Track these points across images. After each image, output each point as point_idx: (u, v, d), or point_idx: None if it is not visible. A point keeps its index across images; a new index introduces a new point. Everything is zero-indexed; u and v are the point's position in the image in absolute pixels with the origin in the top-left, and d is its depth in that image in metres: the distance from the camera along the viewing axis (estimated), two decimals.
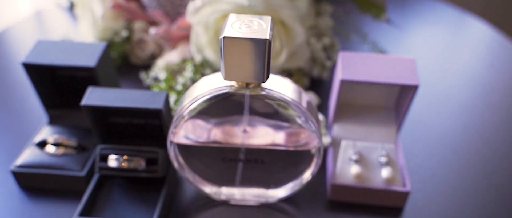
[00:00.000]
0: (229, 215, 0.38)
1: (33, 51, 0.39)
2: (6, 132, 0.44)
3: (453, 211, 0.38)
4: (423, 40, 0.61)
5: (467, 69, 0.57)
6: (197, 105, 0.32)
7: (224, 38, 0.28)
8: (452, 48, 0.61)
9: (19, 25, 0.63)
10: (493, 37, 0.62)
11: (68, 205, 0.37)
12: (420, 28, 0.64)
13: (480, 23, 0.64)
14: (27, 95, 0.49)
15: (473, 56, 0.59)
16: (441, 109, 0.49)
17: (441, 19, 0.66)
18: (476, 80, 0.55)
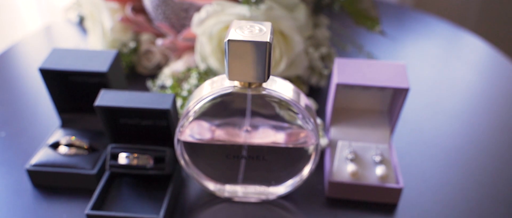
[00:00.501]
0: (232, 211, 0.40)
1: (48, 58, 0.42)
2: (22, 134, 0.47)
3: (444, 206, 0.40)
4: (417, 53, 0.64)
5: (458, 78, 0.59)
6: (203, 104, 0.35)
7: (229, 41, 0.31)
8: (445, 59, 0.64)
9: (30, 38, 0.66)
10: (486, 51, 0.65)
11: (79, 202, 0.40)
12: (415, 42, 0.67)
13: (474, 37, 0.67)
14: (40, 101, 0.52)
15: (465, 67, 0.62)
16: (432, 114, 0.52)
17: (435, 33, 0.69)
18: (466, 88, 0.58)
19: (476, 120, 0.52)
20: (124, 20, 0.56)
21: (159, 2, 0.53)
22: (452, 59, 0.63)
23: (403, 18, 0.75)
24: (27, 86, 0.56)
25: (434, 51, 0.65)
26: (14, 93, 0.55)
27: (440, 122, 0.51)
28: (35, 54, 0.63)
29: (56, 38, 0.67)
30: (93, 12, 0.57)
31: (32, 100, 0.53)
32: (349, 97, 0.45)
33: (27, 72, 0.59)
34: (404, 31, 0.70)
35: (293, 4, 0.48)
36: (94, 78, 0.43)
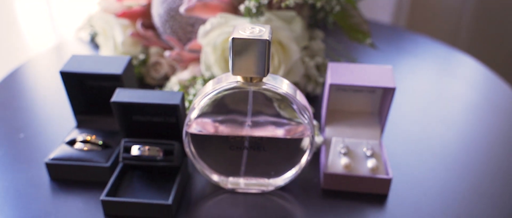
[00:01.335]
0: (235, 201, 0.43)
1: (68, 62, 0.47)
2: (41, 134, 0.51)
3: (431, 196, 0.44)
4: (411, 69, 0.69)
5: (449, 91, 0.64)
6: (209, 99, 0.39)
7: (233, 39, 0.36)
8: (438, 76, 0.68)
9: (45, 54, 0.71)
10: (479, 69, 0.69)
11: (94, 192, 0.43)
12: (408, 60, 0.72)
13: (466, 57, 0.72)
14: (57, 106, 0.57)
15: (458, 82, 0.66)
16: (421, 117, 0.56)
17: (428, 52, 0.74)
18: (455, 98, 0.62)
19: (462, 124, 0.56)
20: (135, 35, 0.61)
21: (168, 17, 0.58)
22: (445, 76, 0.68)
23: (397, 38, 0.80)
24: (44, 94, 0.61)
25: (427, 69, 0.70)
26: (32, 100, 0.59)
27: (428, 125, 0.55)
28: (50, 67, 0.68)
29: (69, 53, 0.72)
30: (105, 28, 0.63)
31: (49, 106, 0.57)
32: (342, 99, 0.50)
33: (43, 83, 0.64)
34: (398, 50, 0.75)
35: (290, 17, 0.53)
36: (109, 82, 0.48)
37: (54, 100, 0.59)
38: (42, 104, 0.59)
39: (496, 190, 0.45)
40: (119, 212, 0.41)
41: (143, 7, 0.64)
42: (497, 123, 0.57)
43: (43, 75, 0.66)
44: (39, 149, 0.49)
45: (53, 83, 0.63)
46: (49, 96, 0.60)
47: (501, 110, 0.59)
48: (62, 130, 0.52)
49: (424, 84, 0.65)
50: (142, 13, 0.64)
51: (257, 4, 0.49)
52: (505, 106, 0.60)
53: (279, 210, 0.43)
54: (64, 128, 0.52)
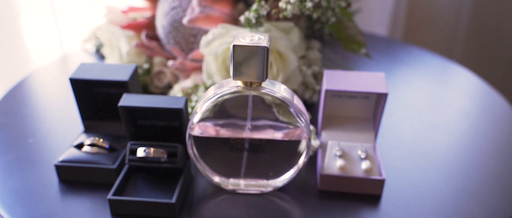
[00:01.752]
0: (235, 201, 0.46)
1: (77, 70, 0.49)
2: (50, 139, 0.54)
3: (423, 196, 0.46)
4: (407, 80, 0.72)
5: (442, 99, 0.67)
6: (211, 102, 0.42)
7: (234, 46, 0.39)
8: (434, 86, 0.71)
9: (52, 64, 0.74)
10: (474, 80, 0.72)
11: (101, 193, 0.45)
12: (405, 71, 0.75)
13: (462, 68, 0.75)
14: (64, 113, 0.59)
15: (449, 91, 0.69)
16: (415, 124, 0.59)
17: (424, 64, 0.76)
18: (448, 106, 0.65)
19: (453, 129, 0.59)
20: (139, 45, 0.64)
21: (171, 29, 0.61)
22: (439, 85, 0.71)
23: (393, 50, 0.83)
24: (51, 102, 0.63)
25: (421, 78, 0.73)
26: (40, 108, 0.62)
27: (421, 130, 0.58)
28: (57, 76, 0.71)
29: (75, 64, 0.75)
30: (111, 39, 0.66)
31: (56, 113, 0.60)
32: (337, 105, 0.52)
33: (51, 91, 0.66)
34: (393, 61, 0.78)
35: (288, 27, 0.56)
36: (116, 89, 0.50)
37: (62, 108, 0.61)
38: (50, 111, 0.61)
39: (484, 191, 0.48)
40: (125, 211, 0.43)
41: (147, 19, 0.67)
42: (487, 128, 0.59)
43: (50, 84, 0.69)
44: (48, 153, 0.51)
45: (61, 92, 0.65)
46: (57, 104, 0.63)
47: (491, 116, 0.62)
48: (70, 134, 0.54)
49: (418, 92, 0.68)
50: (146, 25, 0.67)
51: (257, 15, 0.52)
52: (495, 113, 0.62)
53: (277, 210, 0.45)
54: (72, 133, 0.54)
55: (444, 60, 0.77)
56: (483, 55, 1.18)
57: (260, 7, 0.52)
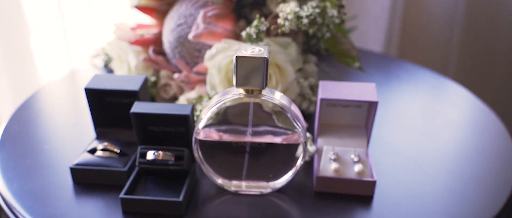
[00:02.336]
0: (238, 201, 0.50)
1: (92, 80, 0.54)
2: (64, 144, 0.58)
3: (412, 197, 0.50)
4: (398, 92, 0.76)
5: (432, 110, 0.71)
6: (217, 108, 0.46)
7: (237, 57, 0.43)
8: (423, 97, 0.76)
9: (62, 79, 0.79)
10: (467, 96, 0.76)
11: (112, 194, 0.49)
12: (396, 84, 0.79)
13: (452, 82, 0.79)
14: (77, 123, 0.63)
15: (440, 104, 0.74)
16: (406, 133, 0.63)
17: (419, 79, 0.81)
18: (438, 117, 0.69)
19: (442, 137, 0.63)
20: (147, 60, 0.68)
21: (177, 44, 0.66)
22: (430, 98, 0.75)
23: (389, 66, 0.88)
24: (64, 113, 0.68)
25: (414, 92, 0.77)
26: (54, 118, 0.66)
27: (411, 138, 0.62)
28: (69, 89, 0.75)
29: (85, 78, 0.79)
30: (120, 54, 0.71)
31: (69, 122, 0.64)
32: (332, 114, 0.57)
33: (63, 103, 0.71)
34: (388, 76, 0.83)
35: (286, 42, 0.61)
36: (127, 99, 0.55)
37: (73, 118, 0.66)
38: (62, 121, 0.66)
39: (469, 191, 0.52)
40: (136, 209, 0.47)
41: (154, 35, 0.72)
42: (473, 136, 0.64)
43: (62, 97, 0.73)
44: (63, 158, 0.56)
45: (72, 103, 0.70)
46: (69, 114, 0.67)
47: (478, 125, 0.66)
48: (82, 141, 0.58)
49: (410, 104, 0.73)
50: (153, 41, 0.72)
51: (257, 30, 0.57)
52: (481, 122, 0.67)
53: (277, 210, 0.49)
54: (84, 140, 0.59)
55: (437, 75, 0.82)
56: (476, 72, 1.23)
57: (260, 23, 0.57)
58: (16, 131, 0.62)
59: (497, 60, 1.23)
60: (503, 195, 0.51)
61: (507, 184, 0.53)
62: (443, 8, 1.17)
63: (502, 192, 0.52)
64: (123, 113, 0.55)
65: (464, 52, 1.21)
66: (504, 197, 0.51)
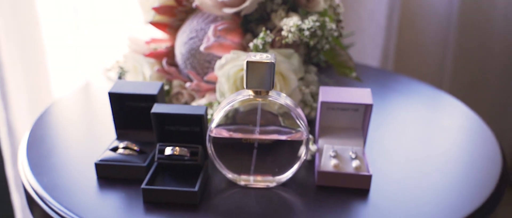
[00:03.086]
0: (246, 193, 0.55)
1: (114, 86, 0.60)
2: (87, 145, 0.64)
3: (405, 192, 0.56)
4: (394, 102, 0.83)
5: (426, 118, 0.77)
6: (230, 107, 0.52)
7: (248, 62, 0.50)
8: (418, 107, 0.82)
9: (78, 90, 0.85)
10: (456, 104, 0.83)
11: (133, 187, 0.55)
12: (392, 95, 0.86)
13: (447, 95, 0.85)
14: (98, 126, 0.69)
15: (434, 113, 0.80)
16: (400, 137, 0.69)
17: (415, 92, 0.87)
18: (431, 124, 0.75)
19: (433, 141, 0.69)
20: (160, 71, 0.75)
21: (189, 56, 0.73)
22: (425, 108, 0.82)
23: (386, 79, 0.94)
24: (85, 118, 0.74)
25: (409, 102, 0.83)
26: (75, 122, 0.72)
27: (405, 141, 0.68)
28: (87, 98, 0.82)
29: (100, 89, 0.86)
30: (136, 65, 0.77)
31: (91, 126, 0.70)
32: (331, 117, 0.63)
33: (84, 110, 0.77)
34: (385, 88, 0.89)
35: (289, 53, 0.68)
36: (145, 103, 0.61)
37: (91, 123, 0.72)
38: (81, 126, 0.72)
39: (457, 186, 0.57)
40: (156, 198, 0.52)
41: (167, 48, 0.79)
42: (462, 140, 0.70)
43: (80, 105, 0.80)
44: (84, 157, 0.61)
45: (89, 110, 0.76)
46: (87, 120, 0.74)
47: (468, 132, 0.72)
48: (101, 143, 0.64)
49: (404, 112, 0.79)
50: (166, 54, 0.78)
51: (263, 42, 0.64)
52: (471, 128, 0.73)
53: (282, 201, 0.55)
54: (103, 142, 0.65)
55: (431, 87, 0.88)
56: (469, 87, 1.30)
57: (266, 35, 0.64)
58: (40, 134, 0.68)
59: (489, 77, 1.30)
60: (488, 189, 0.57)
61: (492, 180, 0.59)
62: (437, 26, 1.24)
63: (487, 187, 0.57)
64: (141, 116, 0.61)
65: (458, 69, 1.28)
66: (489, 191, 0.57)
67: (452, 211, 0.53)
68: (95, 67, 1.06)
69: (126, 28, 1.08)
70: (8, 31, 0.92)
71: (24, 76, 0.97)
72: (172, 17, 0.79)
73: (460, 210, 0.53)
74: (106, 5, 1.07)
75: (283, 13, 0.69)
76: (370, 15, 1.19)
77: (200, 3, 0.69)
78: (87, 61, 1.06)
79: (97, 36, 1.08)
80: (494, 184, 0.58)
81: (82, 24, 1.05)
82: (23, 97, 0.97)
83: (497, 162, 0.63)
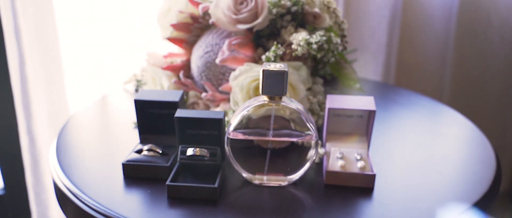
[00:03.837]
0: (260, 191, 0.61)
1: (139, 94, 0.67)
2: (112, 149, 0.70)
3: (407, 190, 0.62)
4: (395, 112, 0.89)
5: (426, 127, 0.83)
6: (247, 112, 0.58)
7: (264, 70, 0.56)
8: (418, 117, 0.88)
9: (96, 102, 0.91)
10: (453, 114, 0.89)
11: (157, 185, 0.61)
12: (395, 107, 0.92)
13: (446, 107, 0.92)
14: (123, 133, 0.76)
15: (434, 122, 0.86)
16: (401, 142, 0.75)
17: (417, 104, 0.94)
18: (431, 131, 0.81)
19: (431, 146, 0.75)
20: (177, 82, 0.81)
21: (204, 68, 0.80)
22: (425, 118, 0.88)
23: (388, 92, 1.01)
24: (108, 126, 0.80)
25: (411, 112, 0.90)
26: (96, 131, 0.78)
27: (406, 146, 0.74)
28: (103, 110, 0.88)
29: (119, 101, 0.92)
30: (154, 77, 0.84)
31: (116, 133, 0.76)
32: (337, 123, 0.69)
33: (107, 119, 0.83)
34: (387, 100, 0.96)
35: (298, 66, 0.74)
36: (166, 110, 0.67)
37: (115, 129, 0.78)
38: (101, 134, 0.78)
39: (454, 184, 0.63)
40: (179, 194, 0.58)
41: (183, 62, 0.85)
42: (458, 144, 0.76)
43: (102, 115, 0.86)
44: (109, 160, 0.67)
45: (109, 120, 0.82)
46: (107, 129, 0.80)
47: (463, 137, 0.78)
48: (126, 147, 0.70)
49: (405, 121, 0.85)
50: (182, 67, 0.85)
51: (275, 54, 0.70)
52: (468, 136, 0.79)
53: (293, 198, 0.60)
54: (128, 145, 0.71)
55: (430, 100, 0.95)
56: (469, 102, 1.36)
57: (277, 48, 0.70)
58: (67, 140, 0.74)
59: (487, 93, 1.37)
60: (482, 188, 0.62)
61: (487, 180, 0.64)
62: (436, 45, 1.31)
63: (482, 186, 0.63)
64: (163, 122, 0.67)
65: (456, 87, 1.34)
66: (484, 189, 0.62)
67: (450, 206, 0.59)
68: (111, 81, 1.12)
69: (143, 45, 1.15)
70: (32, 49, 0.99)
71: (44, 89, 1.04)
72: (188, 34, 0.86)
73: (457, 205, 0.59)
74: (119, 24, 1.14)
75: (292, 29, 0.76)
76: (372, 34, 1.26)
77: (217, 20, 0.76)
78: (104, 75, 1.13)
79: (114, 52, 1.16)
80: (489, 183, 0.63)
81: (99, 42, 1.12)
82: (43, 109, 1.03)
83: (491, 165, 0.69)
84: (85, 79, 1.13)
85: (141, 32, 1.14)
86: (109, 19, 1.12)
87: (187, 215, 0.56)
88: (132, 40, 1.16)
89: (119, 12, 1.13)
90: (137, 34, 1.15)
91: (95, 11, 1.10)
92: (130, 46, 1.15)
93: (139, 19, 1.14)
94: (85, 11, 1.08)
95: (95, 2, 1.10)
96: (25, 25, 0.96)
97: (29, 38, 0.97)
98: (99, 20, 1.11)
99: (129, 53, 1.15)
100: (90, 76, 1.13)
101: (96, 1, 1.10)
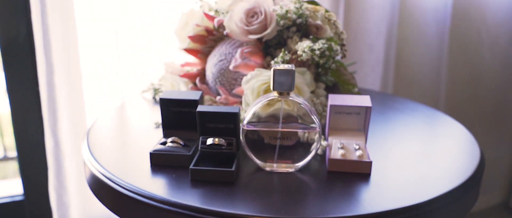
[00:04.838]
0: (271, 176, 0.71)
1: (163, 94, 0.77)
2: (139, 144, 0.80)
3: (399, 177, 0.71)
4: (393, 118, 0.99)
5: (422, 129, 0.94)
6: (259, 107, 0.69)
7: (274, 69, 0.67)
8: (414, 121, 0.98)
9: (119, 107, 1.02)
10: (446, 119, 0.99)
11: (180, 171, 0.70)
12: (393, 113, 1.03)
13: (442, 114, 1.02)
14: (140, 132, 0.86)
15: (429, 126, 0.96)
16: (398, 140, 0.85)
17: (414, 111, 1.04)
18: (425, 132, 0.91)
19: (420, 140, 0.85)
20: (194, 88, 0.92)
21: (219, 75, 0.90)
22: (421, 122, 0.98)
23: (386, 100, 1.11)
24: (127, 127, 0.90)
25: (408, 117, 1.00)
26: (120, 131, 0.88)
27: (400, 142, 0.84)
28: (124, 115, 0.98)
29: (138, 108, 1.03)
30: (173, 83, 0.94)
31: (137, 130, 0.87)
32: (338, 119, 0.79)
33: (126, 122, 0.93)
34: (385, 107, 1.06)
35: (303, 71, 0.85)
36: (187, 108, 0.77)
37: (136, 129, 0.88)
38: (125, 133, 0.88)
39: (442, 171, 0.73)
40: (200, 177, 0.68)
41: (198, 71, 0.96)
42: (448, 141, 0.85)
43: (124, 118, 0.96)
44: (135, 152, 0.77)
45: (130, 122, 0.92)
46: (129, 128, 0.90)
47: (453, 136, 0.88)
48: (148, 142, 0.80)
49: (401, 123, 0.95)
50: (198, 75, 0.96)
51: (282, 60, 0.81)
52: (457, 135, 0.89)
53: (299, 183, 0.70)
54: (150, 141, 0.81)
55: (426, 107, 1.05)
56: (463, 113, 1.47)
57: (285, 54, 0.81)
58: (96, 138, 0.84)
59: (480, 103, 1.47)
60: (468, 172, 0.72)
61: (471, 167, 0.74)
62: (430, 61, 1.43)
63: (467, 171, 0.73)
64: (184, 118, 0.77)
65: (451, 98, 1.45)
66: (469, 173, 0.72)
67: (437, 189, 0.68)
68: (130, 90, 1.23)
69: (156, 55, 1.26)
70: (59, 60, 1.10)
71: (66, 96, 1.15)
72: (203, 45, 0.97)
73: (443, 187, 0.68)
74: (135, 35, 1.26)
75: (297, 39, 0.87)
76: (370, 49, 1.37)
77: (230, 31, 0.88)
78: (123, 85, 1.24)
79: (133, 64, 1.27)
80: (473, 168, 0.73)
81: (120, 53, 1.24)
82: (66, 114, 1.14)
83: (475, 156, 0.78)
84: (102, 87, 1.23)
85: (156, 40, 1.26)
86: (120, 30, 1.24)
87: (208, 194, 0.65)
88: (145, 48, 1.27)
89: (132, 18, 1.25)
90: (150, 41, 1.26)
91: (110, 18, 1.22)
92: (143, 55, 1.26)
93: (153, 27, 1.26)
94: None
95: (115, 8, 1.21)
96: (53, 37, 1.07)
97: (57, 52, 1.09)
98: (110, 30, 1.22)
99: (144, 64, 1.26)
100: (108, 83, 1.24)
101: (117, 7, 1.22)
